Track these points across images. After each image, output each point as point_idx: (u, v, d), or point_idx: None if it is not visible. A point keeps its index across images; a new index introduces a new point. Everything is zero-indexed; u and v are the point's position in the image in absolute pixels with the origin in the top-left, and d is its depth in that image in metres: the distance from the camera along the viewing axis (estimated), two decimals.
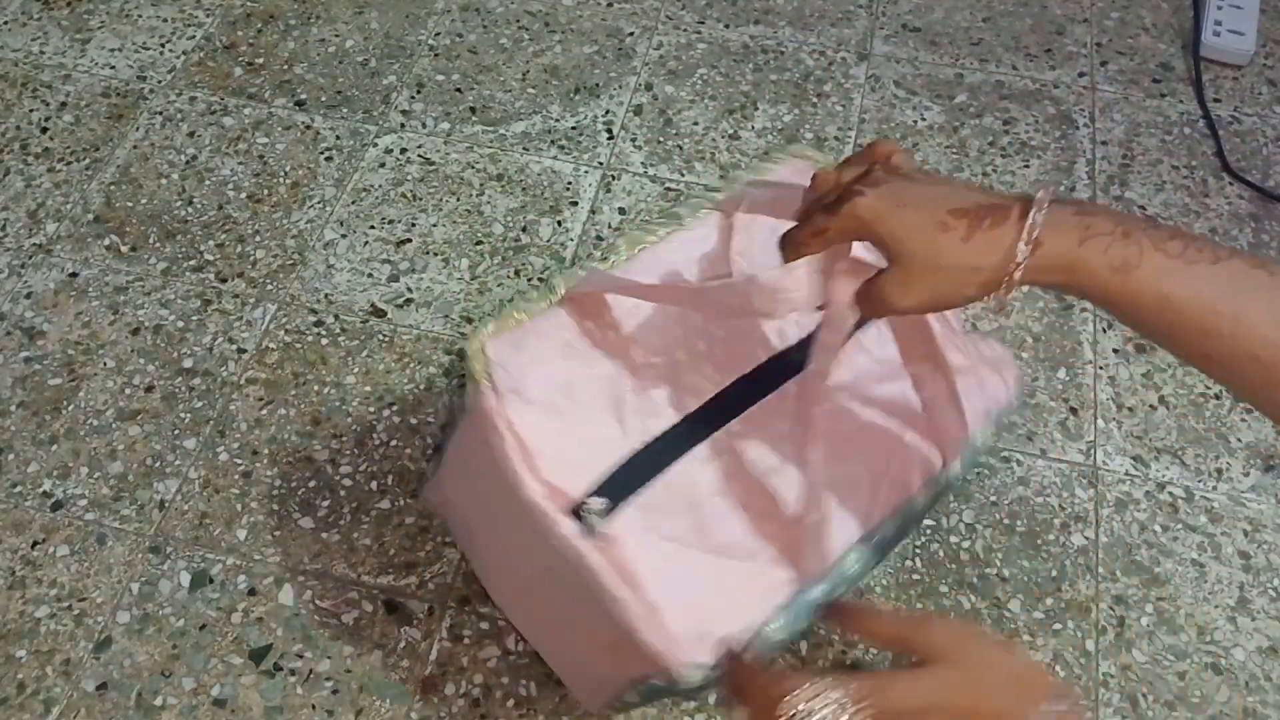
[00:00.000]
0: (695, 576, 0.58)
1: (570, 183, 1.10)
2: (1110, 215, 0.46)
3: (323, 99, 1.17)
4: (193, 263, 1.03)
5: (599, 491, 0.58)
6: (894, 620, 0.52)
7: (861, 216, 0.49)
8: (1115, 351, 0.99)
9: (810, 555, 0.60)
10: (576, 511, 0.58)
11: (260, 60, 1.21)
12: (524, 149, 1.13)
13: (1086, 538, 0.88)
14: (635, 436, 0.61)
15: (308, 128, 1.15)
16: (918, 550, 0.87)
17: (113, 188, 1.09)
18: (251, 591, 0.84)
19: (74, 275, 1.02)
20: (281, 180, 1.10)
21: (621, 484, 0.59)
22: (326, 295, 1.01)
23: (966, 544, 0.87)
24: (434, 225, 1.07)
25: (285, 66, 1.20)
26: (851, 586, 0.64)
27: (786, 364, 0.64)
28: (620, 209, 1.08)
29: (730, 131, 1.15)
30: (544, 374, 0.61)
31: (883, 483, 0.64)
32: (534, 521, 0.58)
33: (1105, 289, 0.46)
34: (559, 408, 0.60)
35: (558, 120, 1.16)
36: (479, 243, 1.05)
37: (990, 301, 0.50)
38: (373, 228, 1.06)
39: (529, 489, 0.58)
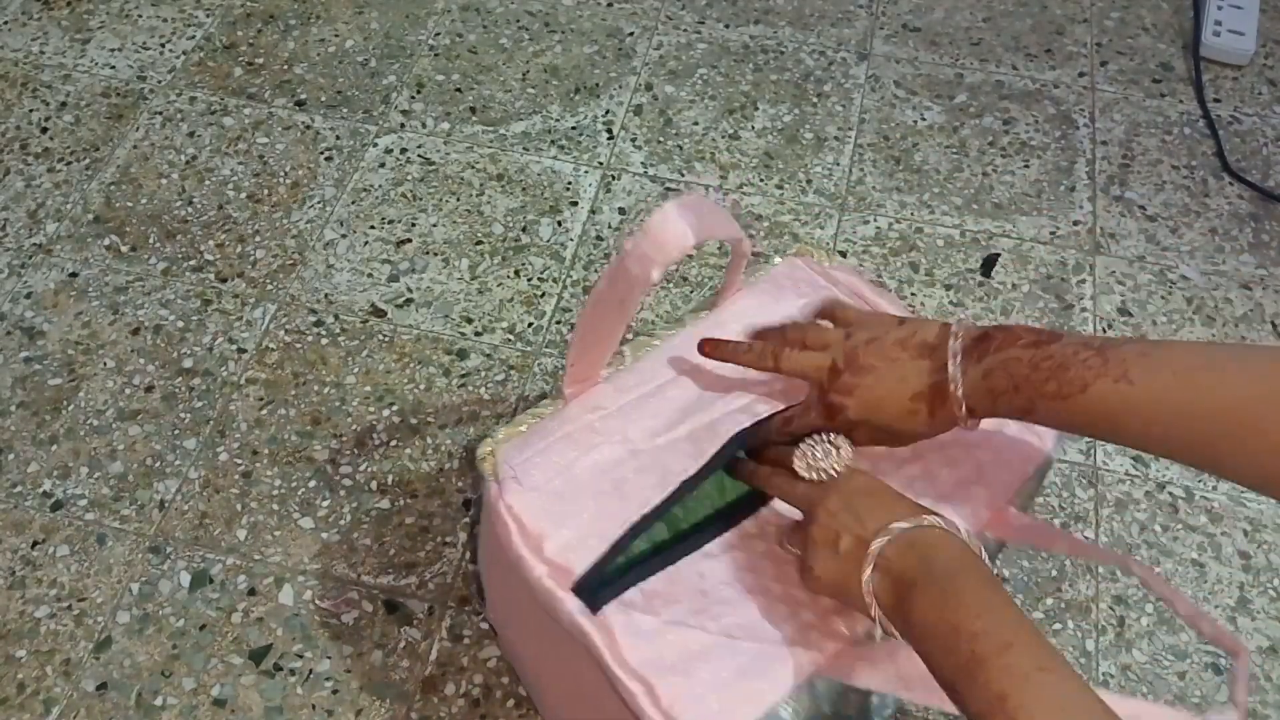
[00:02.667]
0: (701, 659, 0.58)
1: (570, 183, 1.10)
2: (1006, 372, 0.55)
3: (323, 99, 1.17)
4: (193, 263, 1.03)
5: (599, 568, 0.59)
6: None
7: (850, 420, 0.61)
8: None
9: (828, 639, 0.59)
10: (579, 589, 0.59)
11: (260, 60, 1.21)
12: (524, 149, 1.13)
13: (1087, 538, 0.88)
14: (637, 512, 0.61)
15: (308, 128, 1.15)
16: None
17: (113, 188, 1.09)
18: (251, 591, 0.84)
19: (74, 275, 1.02)
20: (281, 180, 1.10)
21: (625, 569, 0.60)
22: (326, 295, 1.01)
23: None
24: (434, 225, 1.07)
25: (285, 66, 1.20)
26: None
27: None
28: (620, 209, 1.08)
29: (730, 131, 1.15)
30: (544, 462, 0.63)
31: None
32: (542, 602, 0.59)
33: (1015, 416, 0.56)
34: (559, 491, 0.62)
35: (558, 120, 1.16)
36: (479, 243, 1.05)
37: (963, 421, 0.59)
38: (373, 228, 1.06)
39: (532, 568, 0.59)
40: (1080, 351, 0.53)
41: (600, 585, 0.59)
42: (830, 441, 0.61)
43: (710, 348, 0.66)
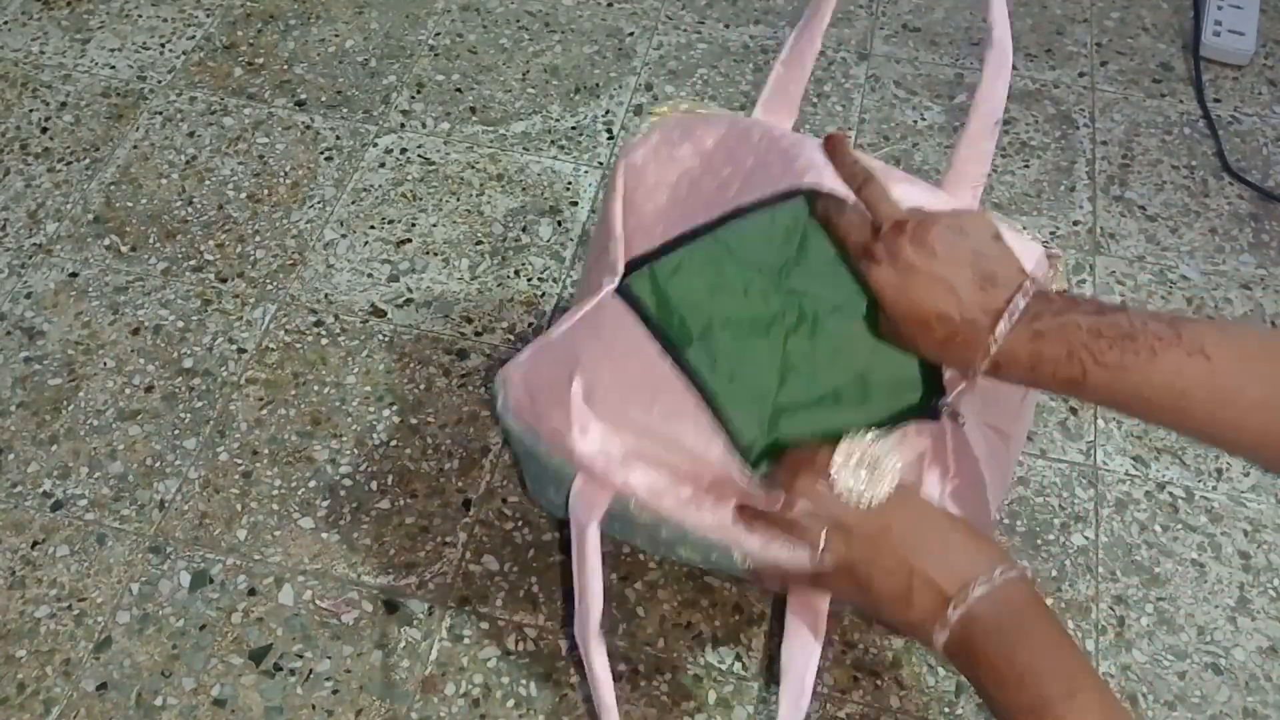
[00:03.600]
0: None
1: (570, 183, 1.10)
2: (1061, 337, 0.52)
3: (323, 99, 1.17)
4: (193, 263, 1.03)
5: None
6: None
7: (874, 287, 0.59)
8: None
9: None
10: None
11: (260, 60, 1.21)
12: (524, 149, 1.13)
13: (1086, 538, 0.88)
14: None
15: (308, 128, 1.15)
16: None
17: (113, 188, 1.09)
18: (251, 591, 0.84)
19: (74, 275, 1.02)
20: (281, 180, 1.10)
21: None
22: (326, 295, 1.01)
23: None
24: (434, 225, 1.07)
25: (285, 66, 1.20)
26: None
27: None
28: None
29: None
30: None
31: None
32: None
33: (1064, 391, 0.54)
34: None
35: (558, 120, 1.16)
36: (479, 243, 1.05)
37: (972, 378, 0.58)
38: (373, 228, 1.06)
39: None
40: (1150, 322, 0.50)
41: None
42: (872, 463, 0.56)
43: (832, 145, 0.64)
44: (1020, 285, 0.54)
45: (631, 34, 1.24)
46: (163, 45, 1.23)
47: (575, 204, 1.09)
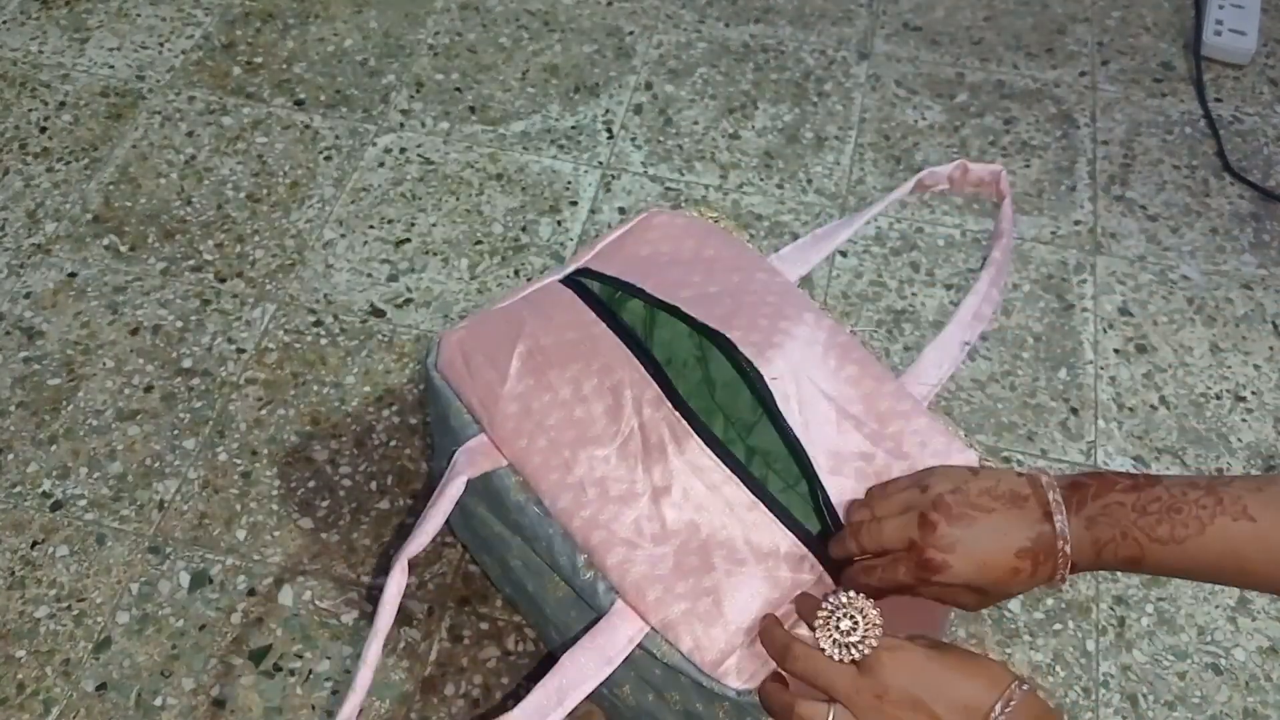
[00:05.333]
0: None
1: (570, 182, 1.10)
2: (1110, 520, 0.53)
3: (322, 98, 1.17)
4: (192, 263, 1.03)
5: None
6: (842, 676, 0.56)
7: (953, 578, 0.56)
8: (1116, 351, 0.99)
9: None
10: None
11: (259, 59, 1.21)
12: (523, 148, 1.13)
13: None
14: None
15: (307, 127, 1.14)
16: None
17: (111, 187, 1.09)
18: (251, 592, 0.83)
19: (73, 275, 1.02)
20: (280, 180, 1.10)
21: None
22: (326, 295, 1.01)
23: None
24: (433, 225, 1.07)
25: (284, 66, 1.20)
26: None
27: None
28: (620, 208, 1.08)
29: (730, 131, 1.15)
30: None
31: None
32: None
33: (1130, 570, 0.55)
34: None
35: (557, 120, 1.16)
36: (478, 242, 1.05)
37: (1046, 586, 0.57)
38: (372, 227, 1.06)
39: None
40: (1189, 491, 0.52)
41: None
42: (851, 606, 0.54)
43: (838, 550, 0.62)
44: (1036, 485, 0.56)
45: (631, 33, 1.24)
46: (161, 44, 1.22)
47: (575, 204, 1.08)
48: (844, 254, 1.05)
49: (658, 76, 1.20)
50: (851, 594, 0.55)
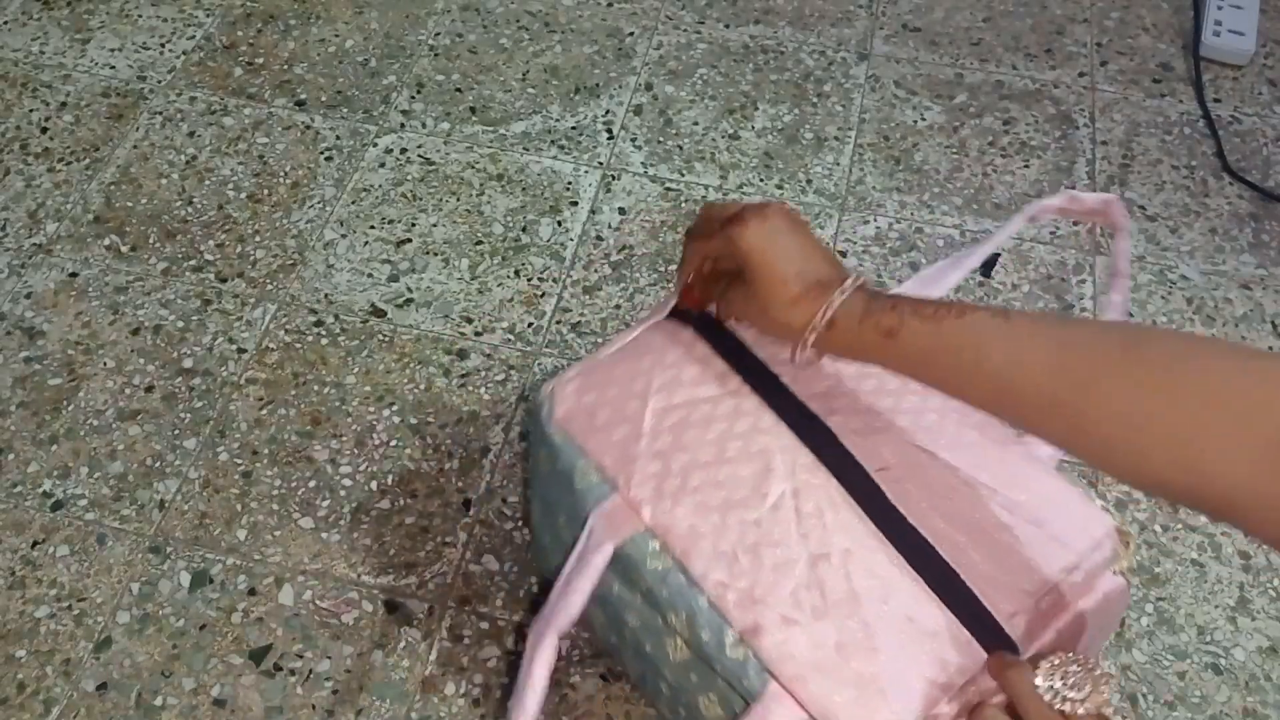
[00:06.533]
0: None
1: (570, 183, 1.10)
2: (890, 298, 0.56)
3: (323, 99, 1.17)
4: (193, 263, 1.03)
5: None
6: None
7: (736, 243, 0.60)
8: None
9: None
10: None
11: (260, 60, 1.21)
12: (524, 149, 1.13)
13: None
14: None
15: (308, 128, 1.15)
16: None
17: (113, 188, 1.09)
18: (251, 591, 0.84)
19: (74, 275, 1.02)
20: (281, 180, 1.10)
21: None
22: (326, 295, 1.01)
23: None
24: (434, 225, 1.07)
25: (285, 66, 1.20)
26: None
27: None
28: (620, 209, 1.08)
29: (730, 131, 1.15)
30: None
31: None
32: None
33: (880, 355, 0.56)
34: None
35: (558, 120, 1.16)
36: (479, 243, 1.05)
37: (796, 355, 0.60)
38: (373, 228, 1.06)
39: None
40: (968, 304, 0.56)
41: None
42: (1085, 668, 0.52)
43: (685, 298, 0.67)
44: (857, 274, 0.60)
45: (631, 34, 1.24)
46: (163, 45, 1.23)
47: (575, 204, 1.09)
48: (844, 254, 1.05)
49: (658, 77, 1.20)
50: (1087, 661, 0.53)
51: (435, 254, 1.05)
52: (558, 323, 1.00)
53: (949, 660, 0.56)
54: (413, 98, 1.18)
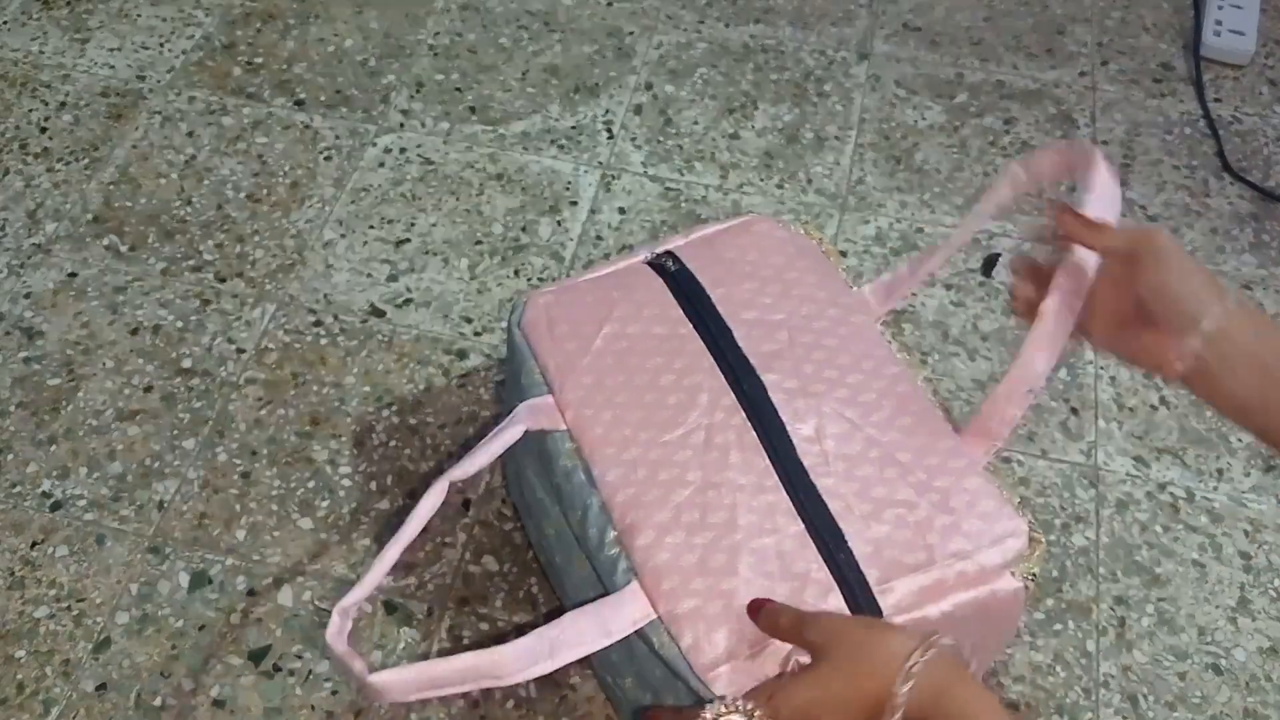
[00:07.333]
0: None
1: (570, 182, 1.10)
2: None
3: (322, 98, 1.17)
4: (192, 263, 1.03)
5: None
6: (790, 617, 0.58)
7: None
8: None
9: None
10: None
11: (259, 60, 1.21)
12: (524, 149, 1.13)
13: (1087, 538, 0.87)
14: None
15: (307, 127, 1.14)
16: None
17: (112, 188, 1.09)
18: (251, 592, 0.83)
19: (73, 275, 1.02)
20: (280, 180, 1.10)
21: None
22: (326, 295, 1.01)
23: None
24: (433, 225, 1.07)
25: (284, 66, 1.20)
26: None
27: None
28: (620, 209, 1.08)
29: (730, 131, 1.15)
30: None
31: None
32: None
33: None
34: None
35: (557, 120, 1.16)
36: (478, 242, 1.05)
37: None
38: (372, 227, 1.06)
39: None
40: None
41: None
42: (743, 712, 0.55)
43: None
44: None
45: (631, 33, 1.24)
46: (162, 45, 1.22)
47: (575, 204, 1.08)
48: (844, 253, 1.05)
49: (658, 77, 1.20)
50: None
51: (435, 254, 1.04)
52: None
53: (806, 604, 0.60)
54: (412, 97, 1.17)
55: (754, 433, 0.66)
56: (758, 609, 0.59)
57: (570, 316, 0.72)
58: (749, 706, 0.55)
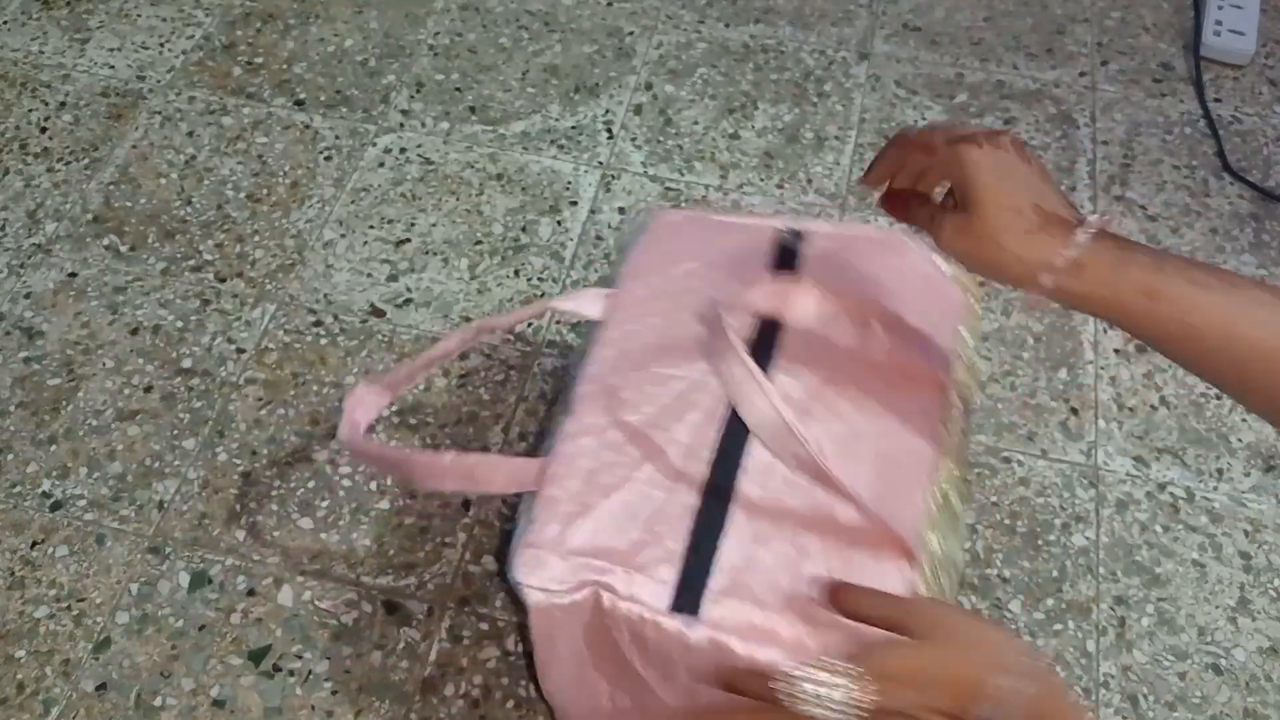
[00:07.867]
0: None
1: (570, 182, 1.10)
2: (1150, 253, 0.52)
3: (322, 98, 1.17)
4: (192, 262, 1.03)
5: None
6: (882, 600, 0.56)
7: (966, 163, 0.54)
8: (1116, 352, 0.99)
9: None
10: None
11: (259, 60, 1.21)
12: (523, 149, 1.13)
13: (1087, 538, 0.87)
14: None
15: (307, 127, 1.14)
16: None
17: (112, 188, 1.09)
18: (251, 592, 0.83)
19: (73, 275, 1.02)
20: (280, 180, 1.10)
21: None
22: (326, 295, 1.01)
23: (967, 544, 0.87)
24: (433, 225, 1.07)
25: (284, 66, 1.20)
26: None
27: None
28: (620, 209, 1.08)
29: (730, 131, 1.15)
30: None
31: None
32: None
33: (1128, 317, 0.52)
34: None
35: (557, 120, 1.16)
36: (478, 242, 1.05)
37: (1024, 296, 0.56)
38: (372, 227, 1.06)
39: None
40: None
41: None
42: (836, 670, 0.50)
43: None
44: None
45: (631, 33, 1.24)
46: (162, 45, 1.22)
47: (575, 204, 1.08)
48: None
49: (658, 77, 1.20)
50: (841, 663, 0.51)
51: (435, 254, 1.04)
52: (557, 323, 0.99)
53: (640, 559, 0.61)
54: (412, 97, 1.17)
55: (725, 412, 0.66)
56: (835, 592, 0.56)
57: (672, 249, 0.75)
58: (854, 669, 0.50)
